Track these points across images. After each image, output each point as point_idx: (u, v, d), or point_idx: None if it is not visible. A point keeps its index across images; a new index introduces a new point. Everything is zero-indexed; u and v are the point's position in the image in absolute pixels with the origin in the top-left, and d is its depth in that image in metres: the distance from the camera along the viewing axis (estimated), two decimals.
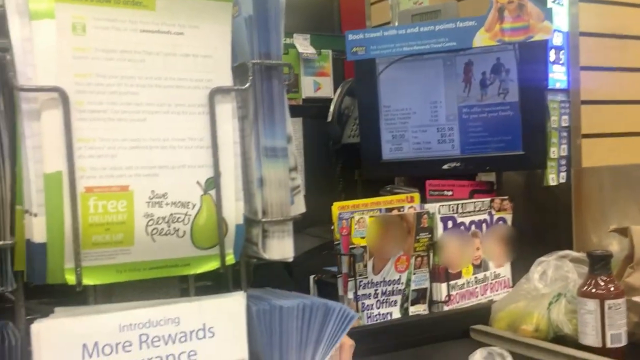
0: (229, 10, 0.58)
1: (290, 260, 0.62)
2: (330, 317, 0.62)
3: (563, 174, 1.36)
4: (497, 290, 1.32)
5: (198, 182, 0.59)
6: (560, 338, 1.07)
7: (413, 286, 1.24)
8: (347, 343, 0.65)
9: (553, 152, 1.34)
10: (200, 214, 0.59)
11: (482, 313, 1.21)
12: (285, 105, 0.62)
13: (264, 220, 0.61)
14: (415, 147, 1.40)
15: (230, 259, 0.61)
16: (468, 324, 1.20)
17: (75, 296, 0.58)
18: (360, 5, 1.80)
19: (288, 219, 0.61)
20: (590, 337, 1.01)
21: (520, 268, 1.30)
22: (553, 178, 1.35)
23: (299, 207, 0.63)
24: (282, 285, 0.67)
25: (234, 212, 0.60)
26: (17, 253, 0.54)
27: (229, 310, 0.59)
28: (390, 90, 1.40)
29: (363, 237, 1.17)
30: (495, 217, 1.32)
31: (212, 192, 0.59)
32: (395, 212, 1.24)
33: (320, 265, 1.32)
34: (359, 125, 1.49)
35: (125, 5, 0.55)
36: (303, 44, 1.62)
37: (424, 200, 1.31)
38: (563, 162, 1.36)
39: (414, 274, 1.24)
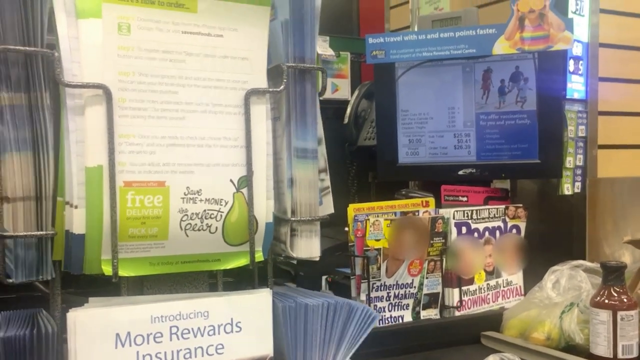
0: (267, 14, 0.61)
1: (317, 259, 0.64)
2: (353, 316, 0.64)
3: (578, 184, 1.38)
4: (508, 298, 1.33)
5: (231, 180, 0.61)
6: (571, 347, 1.09)
7: (425, 290, 1.26)
8: None
9: (569, 161, 1.36)
10: (232, 211, 0.61)
11: (494, 319, 1.22)
12: (317, 108, 0.64)
13: (292, 219, 0.63)
14: (432, 152, 1.42)
15: (259, 256, 0.63)
16: (479, 330, 1.21)
17: (104, 287, 0.60)
18: (379, 9, 1.82)
19: (316, 219, 0.63)
20: (602, 348, 1.02)
21: (532, 276, 1.31)
22: (568, 187, 1.36)
23: (328, 207, 0.65)
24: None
25: (264, 210, 0.62)
26: (56, 243, 0.56)
27: (256, 306, 0.61)
28: (408, 94, 1.42)
29: (378, 240, 1.19)
30: (509, 224, 1.33)
31: (244, 191, 0.61)
32: (410, 215, 1.26)
33: (330, 266, 1.34)
34: (376, 128, 1.51)
35: (169, 7, 0.57)
36: (322, 46, 1.65)
37: (438, 205, 1.33)
38: (578, 172, 1.38)
39: (427, 278, 1.25)
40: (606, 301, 1.02)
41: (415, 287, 1.24)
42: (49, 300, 0.67)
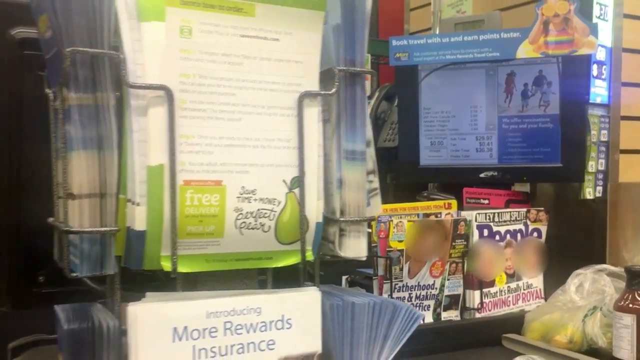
0: (321, 19, 0.63)
1: (364, 259, 0.66)
2: (398, 316, 0.67)
3: (599, 188, 1.40)
4: (528, 300, 1.36)
5: (284, 181, 0.63)
6: (594, 351, 1.11)
7: (446, 292, 1.28)
8: None
9: (591, 165, 1.38)
10: (285, 210, 0.63)
11: (515, 322, 1.25)
12: (366, 111, 0.66)
13: (341, 219, 0.65)
14: (453, 154, 1.44)
15: (309, 255, 0.65)
16: (500, 333, 1.24)
17: (148, 283, 0.63)
18: (399, 11, 1.85)
19: (364, 219, 0.66)
20: (625, 352, 1.05)
21: (552, 279, 1.34)
22: (590, 192, 1.39)
23: (375, 208, 0.67)
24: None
25: (315, 210, 0.64)
26: (117, 239, 0.59)
27: (306, 304, 0.64)
28: (430, 97, 1.44)
29: (400, 241, 1.22)
30: (531, 227, 1.36)
31: (296, 191, 0.64)
32: (432, 217, 1.28)
33: (350, 266, 1.36)
34: (398, 130, 1.53)
35: (229, 12, 0.60)
36: None
37: (459, 207, 1.36)
38: (600, 176, 1.40)
39: (448, 279, 1.28)
40: (630, 305, 1.05)
41: (436, 288, 1.27)
42: (97, 294, 0.70)
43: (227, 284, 0.65)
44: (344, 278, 1.37)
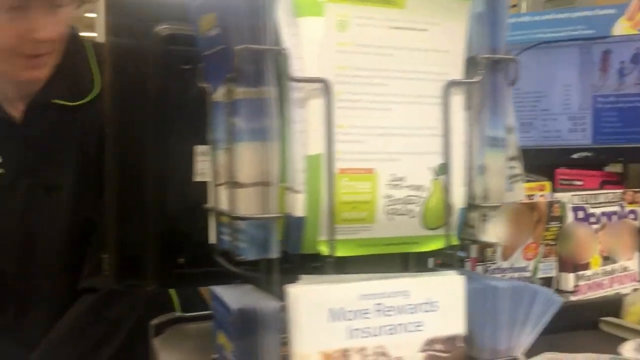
0: (468, 8, 0.65)
1: (503, 243, 0.69)
2: (537, 300, 0.69)
3: None
4: (624, 283, 1.36)
5: (431, 168, 0.66)
6: None
7: (540, 274, 1.30)
8: None
9: None
10: (431, 197, 0.66)
11: (612, 305, 1.25)
12: (509, 98, 0.68)
13: (483, 205, 0.67)
14: (544, 135, 1.44)
15: (454, 240, 0.68)
16: (596, 316, 1.24)
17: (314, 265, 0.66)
18: None
19: (504, 204, 0.68)
20: None
21: None
22: None
23: (519, 194, 0.70)
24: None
25: (459, 196, 0.67)
26: (277, 225, 0.63)
27: (451, 287, 0.67)
28: (521, 77, 1.44)
29: None
30: (627, 209, 1.35)
31: (442, 178, 0.66)
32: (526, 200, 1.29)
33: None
34: None
35: (381, 4, 0.62)
36: None
37: (552, 189, 1.36)
38: None
39: (542, 262, 1.29)
40: None
41: (530, 271, 1.28)
42: (235, 276, 0.75)
43: (373, 267, 0.68)
44: (430, 260, 1.40)
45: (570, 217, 1.31)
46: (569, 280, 1.32)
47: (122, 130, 0.82)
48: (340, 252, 0.64)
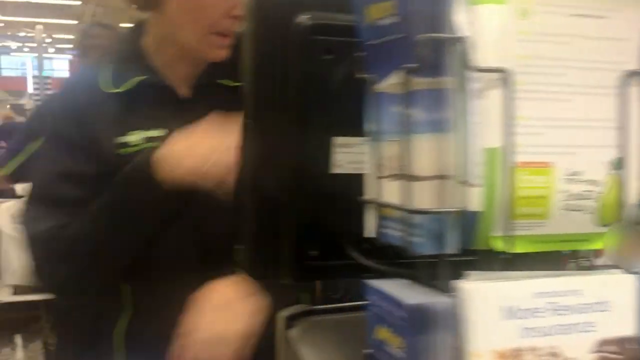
0: None
1: None
2: None
3: None
4: None
5: (607, 162, 0.64)
6: None
7: None
8: None
9: None
10: (607, 192, 0.64)
11: None
12: None
13: None
14: None
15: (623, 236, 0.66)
16: None
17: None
18: None
19: None
20: None
21: None
22: None
23: None
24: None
25: (634, 191, 0.64)
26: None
27: (623, 287, 0.64)
28: None
29: None
30: None
31: (618, 172, 0.64)
32: None
33: None
34: None
35: None
36: None
37: None
38: None
39: None
40: None
41: None
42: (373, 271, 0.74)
43: (540, 264, 0.66)
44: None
45: None
46: None
47: (261, 121, 0.82)
48: (517, 249, 0.63)
